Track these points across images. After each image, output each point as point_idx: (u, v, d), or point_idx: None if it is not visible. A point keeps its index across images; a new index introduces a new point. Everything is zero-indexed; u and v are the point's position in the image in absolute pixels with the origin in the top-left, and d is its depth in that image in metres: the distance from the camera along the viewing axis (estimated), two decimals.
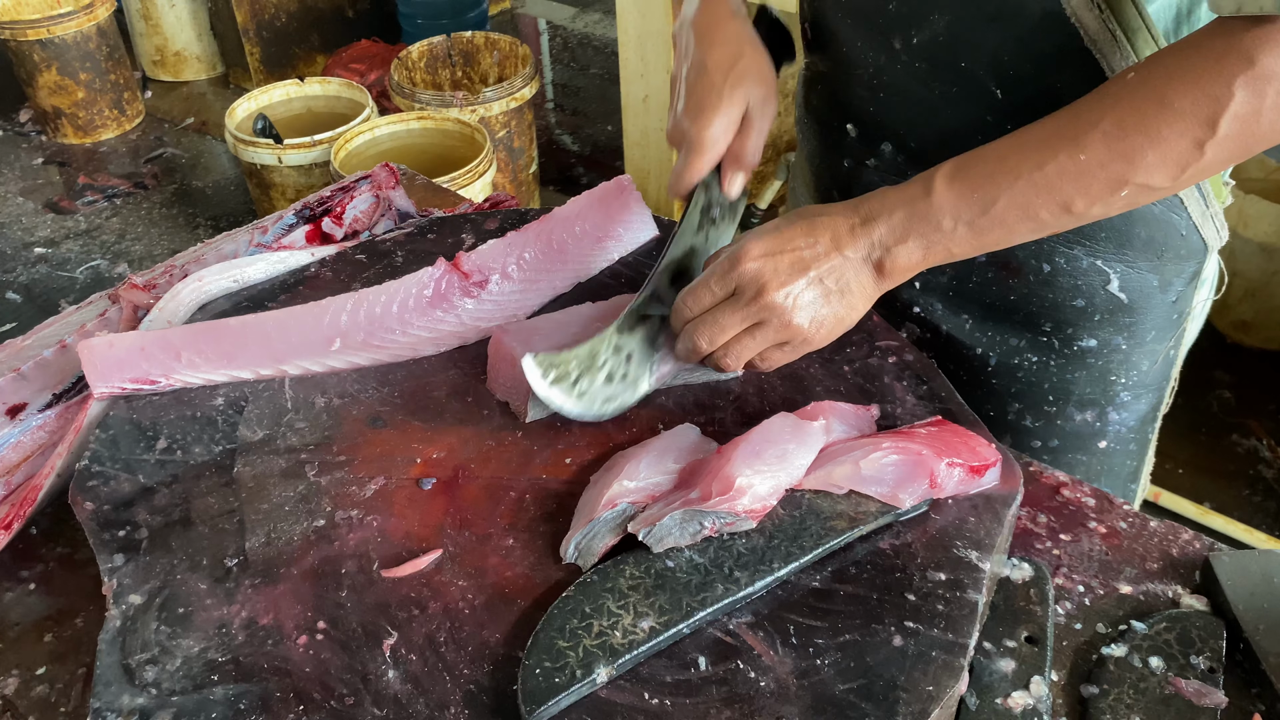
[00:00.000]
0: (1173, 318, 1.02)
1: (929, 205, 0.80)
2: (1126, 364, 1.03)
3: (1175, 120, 0.74)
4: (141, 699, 0.71)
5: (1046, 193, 0.78)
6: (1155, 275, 0.98)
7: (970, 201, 0.79)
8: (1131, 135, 0.75)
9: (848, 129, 1.04)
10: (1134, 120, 0.75)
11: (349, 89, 3.18)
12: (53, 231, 3.35)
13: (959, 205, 0.79)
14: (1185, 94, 0.74)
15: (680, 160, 0.95)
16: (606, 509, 0.79)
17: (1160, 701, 0.75)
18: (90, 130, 3.76)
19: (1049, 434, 1.07)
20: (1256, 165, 2.64)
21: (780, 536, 0.78)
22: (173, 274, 1.14)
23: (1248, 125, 0.74)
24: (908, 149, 1.00)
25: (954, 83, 0.92)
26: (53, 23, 3.51)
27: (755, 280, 0.82)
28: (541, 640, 0.72)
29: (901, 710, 0.68)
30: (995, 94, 0.91)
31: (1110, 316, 1.00)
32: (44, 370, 1.01)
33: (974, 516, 0.82)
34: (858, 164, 1.05)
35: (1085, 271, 0.98)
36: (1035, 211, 0.79)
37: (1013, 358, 1.05)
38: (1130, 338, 1.02)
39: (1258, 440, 2.43)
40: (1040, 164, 0.77)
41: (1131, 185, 0.77)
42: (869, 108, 1.01)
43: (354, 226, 1.20)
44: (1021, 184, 0.78)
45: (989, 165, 0.79)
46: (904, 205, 0.81)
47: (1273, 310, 2.56)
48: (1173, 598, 0.84)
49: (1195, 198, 0.95)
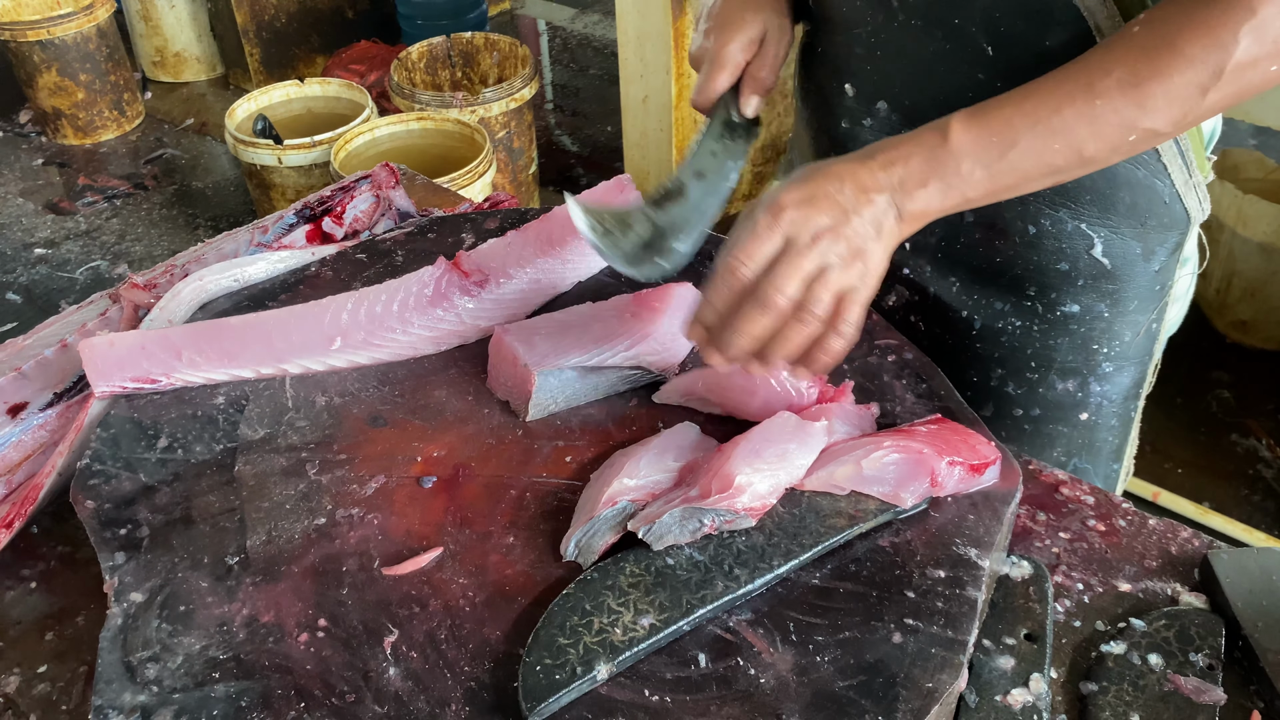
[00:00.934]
0: (1155, 289, 1.04)
1: (947, 150, 0.81)
2: (1109, 333, 1.05)
3: (1186, 67, 0.78)
4: (143, 697, 0.72)
5: (1063, 137, 0.80)
6: (1139, 243, 1.00)
7: (988, 145, 0.81)
8: (1145, 81, 0.79)
9: (845, 89, 1.06)
10: (1146, 67, 0.78)
11: (349, 90, 3.19)
12: (53, 232, 3.35)
13: (977, 149, 0.81)
14: (1196, 41, 0.77)
15: (702, 75, 1.01)
16: (606, 507, 0.79)
17: (1159, 699, 0.75)
18: (90, 131, 3.76)
19: (1031, 402, 1.09)
20: (1255, 165, 2.64)
21: (780, 534, 0.78)
22: (173, 273, 1.14)
23: (1246, 73, 0.78)
24: (903, 108, 1.02)
25: (947, 40, 0.94)
26: (53, 24, 3.51)
27: (806, 223, 0.80)
28: (542, 637, 0.72)
29: (901, 707, 0.68)
30: (987, 51, 0.92)
31: (1093, 282, 1.02)
32: (45, 369, 1.01)
33: (973, 514, 0.82)
34: (854, 124, 1.07)
35: (1070, 235, 0.99)
36: (1050, 156, 0.81)
37: (997, 321, 1.06)
38: (1113, 305, 1.03)
39: (1257, 440, 2.44)
40: (1057, 108, 0.80)
41: (1139, 130, 0.80)
42: (866, 66, 1.03)
43: (354, 226, 1.20)
44: (1040, 128, 0.80)
45: (1007, 110, 0.81)
46: (921, 150, 0.81)
47: (1272, 310, 2.56)
48: (1172, 595, 0.84)
49: (1179, 165, 0.97)
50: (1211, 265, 2.59)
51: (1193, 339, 2.65)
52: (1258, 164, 2.64)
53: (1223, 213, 2.53)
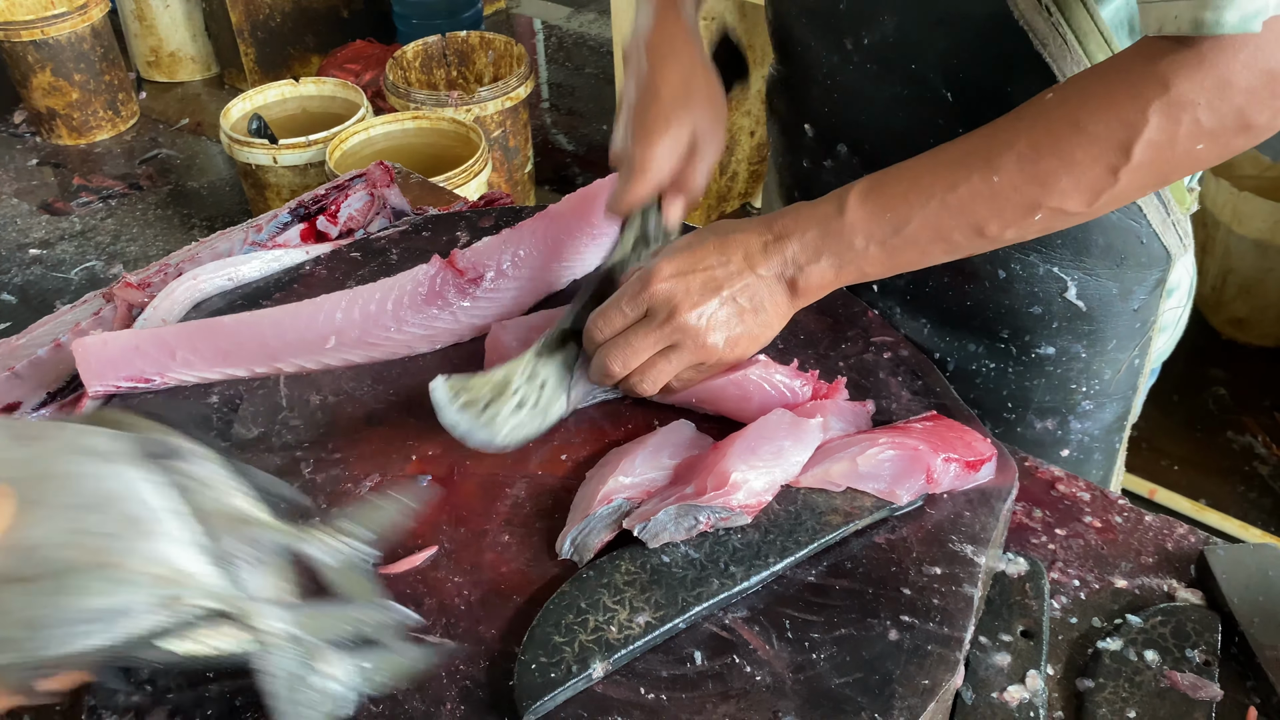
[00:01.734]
0: (1135, 326, 1.01)
1: (841, 224, 0.79)
2: (1087, 372, 1.02)
3: (1089, 145, 0.72)
4: (137, 697, 0.71)
5: (960, 214, 0.77)
6: (1115, 283, 0.97)
7: (882, 221, 0.78)
8: (1045, 158, 0.73)
9: (805, 129, 1.04)
10: (1048, 143, 0.73)
11: (344, 89, 3.18)
12: (47, 233, 3.34)
13: (871, 225, 0.78)
14: (1099, 118, 0.72)
15: (620, 181, 0.92)
16: (602, 505, 0.79)
17: (1155, 695, 0.75)
18: (85, 131, 3.75)
19: (1010, 441, 1.05)
20: (1250, 162, 2.64)
21: (775, 531, 0.78)
22: (167, 272, 1.14)
23: (1162, 152, 0.72)
24: (862, 151, 0.99)
25: (905, 84, 0.91)
26: (47, 24, 3.50)
27: (667, 301, 0.81)
28: (537, 636, 0.72)
29: (897, 704, 0.68)
30: (946, 97, 0.89)
31: (1068, 324, 0.99)
32: (38, 369, 1.01)
33: (969, 511, 0.82)
34: (815, 165, 1.04)
35: (1041, 279, 0.96)
36: (948, 233, 0.78)
37: (971, 364, 1.04)
38: (1090, 346, 1.00)
39: (1253, 437, 2.44)
40: (953, 185, 0.76)
41: (1045, 209, 0.75)
42: (824, 108, 1.00)
43: (349, 225, 1.20)
44: (934, 205, 0.77)
45: (903, 185, 0.78)
46: (817, 224, 0.80)
47: (1267, 307, 2.56)
48: (1168, 592, 0.84)
49: (1155, 205, 0.93)
50: (1207, 263, 2.60)
51: (1189, 336, 2.64)
52: (1253, 161, 2.64)
53: (1218, 210, 2.53)
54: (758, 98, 2.90)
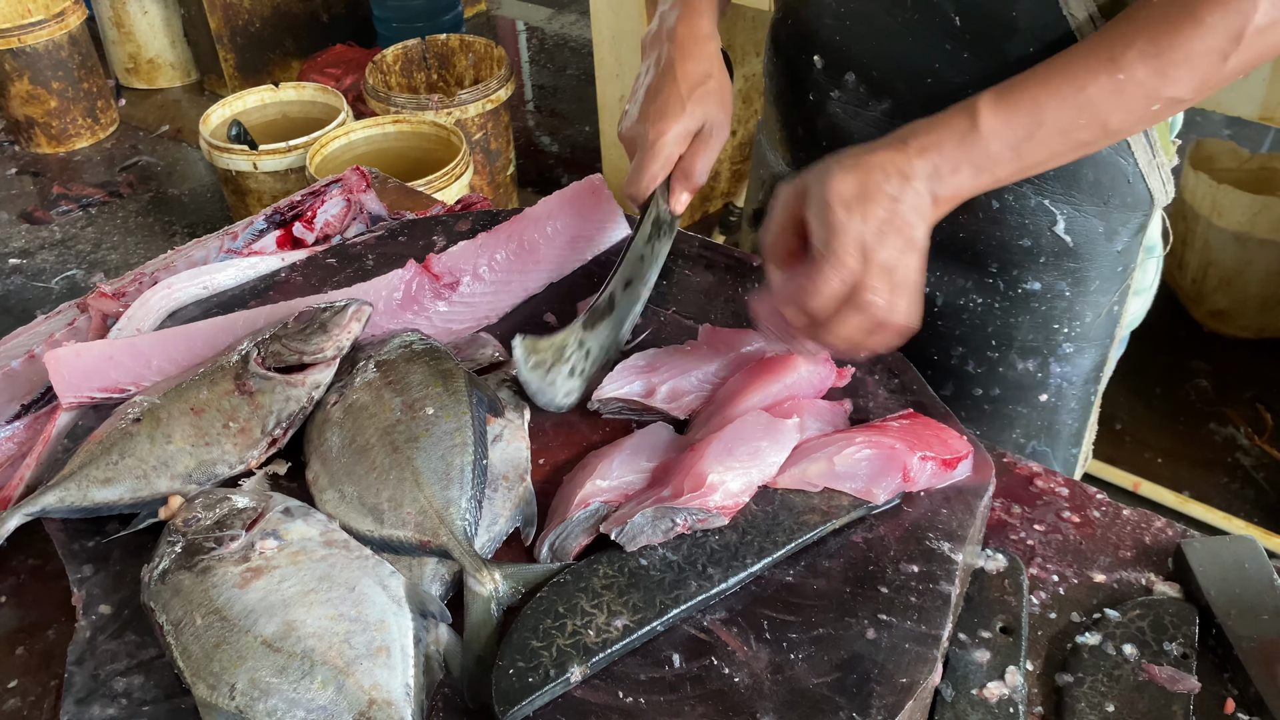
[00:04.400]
0: (1118, 269, 1.04)
1: (977, 134, 0.82)
2: (1070, 312, 1.05)
3: (1206, 35, 0.79)
4: (112, 710, 0.71)
5: (1088, 112, 0.82)
6: (1101, 221, 1.01)
7: (1016, 126, 0.82)
8: (1166, 52, 0.79)
9: (814, 60, 1.06)
10: (1168, 37, 0.79)
11: (324, 94, 3.17)
12: (27, 242, 3.32)
13: (1006, 131, 0.82)
14: (1215, 9, 0.78)
15: (636, 163, 0.97)
16: (579, 509, 0.79)
17: (1134, 688, 0.75)
18: (64, 139, 3.72)
19: (991, 382, 1.09)
20: (1229, 155, 2.65)
21: (753, 532, 0.78)
22: (142, 281, 1.13)
23: (1265, 36, 0.78)
24: (870, 79, 1.02)
25: (915, 9, 0.95)
26: (23, 32, 3.48)
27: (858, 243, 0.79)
28: (515, 640, 0.71)
29: (875, 702, 0.68)
30: (955, 21, 0.93)
31: (1055, 260, 1.02)
32: (12, 381, 1.00)
33: (946, 508, 0.82)
34: (822, 95, 1.06)
35: (1033, 210, 1.00)
36: (1078, 131, 0.83)
37: (959, 298, 1.07)
38: (1075, 285, 1.04)
39: (1236, 428, 2.45)
40: (1081, 85, 0.81)
41: (1163, 99, 0.81)
42: (835, 37, 1.03)
43: (325, 231, 1.20)
44: (1066, 105, 0.81)
45: (1032, 89, 0.82)
46: (952, 136, 0.82)
47: (1248, 299, 2.58)
48: (1146, 585, 0.84)
49: (1143, 145, 0.97)
50: (1188, 255, 2.61)
51: (1170, 329, 2.66)
52: (1231, 154, 2.66)
53: (1198, 203, 2.54)
54: (738, 97, 2.91)
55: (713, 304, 1.05)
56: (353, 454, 0.83)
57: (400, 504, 0.79)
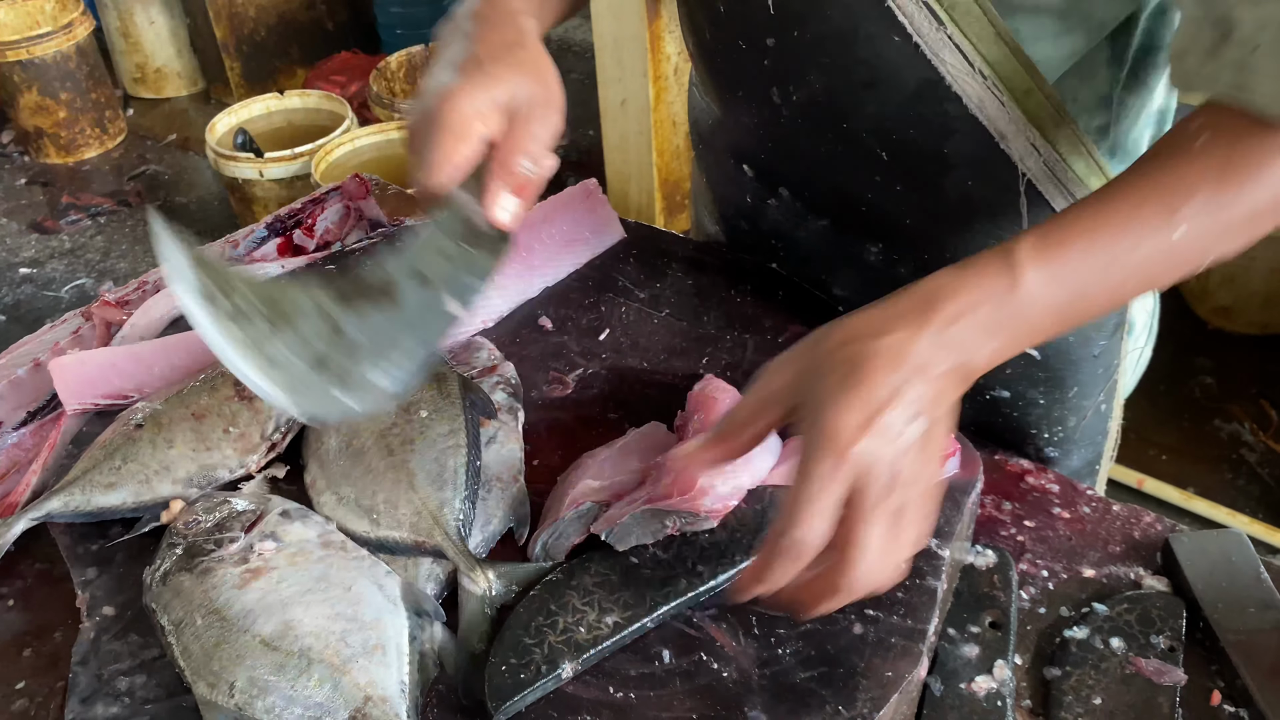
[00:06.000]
0: (1098, 373, 0.96)
1: (1017, 297, 0.67)
2: (1048, 419, 0.97)
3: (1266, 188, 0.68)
4: (115, 708, 0.72)
5: (1139, 275, 0.70)
6: (1071, 334, 0.92)
7: (1063, 288, 0.68)
8: (1229, 208, 0.68)
9: (744, 169, 0.99)
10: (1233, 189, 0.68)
11: (329, 101, 3.19)
12: (37, 252, 3.35)
13: (1050, 294, 0.68)
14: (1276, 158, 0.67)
15: (429, 146, 0.72)
16: (571, 508, 0.80)
17: (1121, 681, 0.76)
18: (73, 149, 3.76)
19: None
20: None
21: (743, 530, 0.79)
22: (146, 289, 1.15)
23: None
24: (804, 197, 0.96)
25: (839, 142, 0.87)
26: (32, 43, 3.51)
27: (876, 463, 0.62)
28: (507, 638, 0.73)
29: (861, 696, 0.69)
30: (882, 156, 0.85)
31: (1023, 370, 0.94)
32: (18, 389, 1.02)
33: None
34: (759, 201, 1.01)
35: None
36: (1124, 294, 0.73)
37: None
38: (1049, 393, 0.95)
39: (1240, 424, 2.45)
40: (1134, 246, 0.68)
41: (1211, 258, 0.71)
42: (760, 155, 0.97)
43: (325, 238, 1.21)
44: (1116, 268, 0.69)
45: (1079, 246, 0.68)
46: (989, 298, 0.66)
47: (1251, 295, 2.58)
48: (1134, 579, 0.85)
49: None
50: None
51: (1175, 326, 2.66)
52: None
53: None
54: None
55: (706, 306, 1.06)
56: (349, 457, 0.85)
57: (396, 505, 0.80)
